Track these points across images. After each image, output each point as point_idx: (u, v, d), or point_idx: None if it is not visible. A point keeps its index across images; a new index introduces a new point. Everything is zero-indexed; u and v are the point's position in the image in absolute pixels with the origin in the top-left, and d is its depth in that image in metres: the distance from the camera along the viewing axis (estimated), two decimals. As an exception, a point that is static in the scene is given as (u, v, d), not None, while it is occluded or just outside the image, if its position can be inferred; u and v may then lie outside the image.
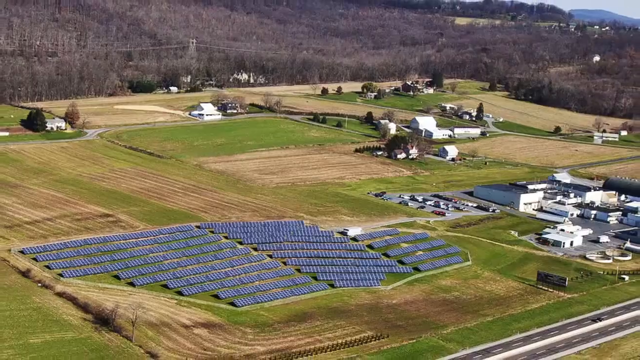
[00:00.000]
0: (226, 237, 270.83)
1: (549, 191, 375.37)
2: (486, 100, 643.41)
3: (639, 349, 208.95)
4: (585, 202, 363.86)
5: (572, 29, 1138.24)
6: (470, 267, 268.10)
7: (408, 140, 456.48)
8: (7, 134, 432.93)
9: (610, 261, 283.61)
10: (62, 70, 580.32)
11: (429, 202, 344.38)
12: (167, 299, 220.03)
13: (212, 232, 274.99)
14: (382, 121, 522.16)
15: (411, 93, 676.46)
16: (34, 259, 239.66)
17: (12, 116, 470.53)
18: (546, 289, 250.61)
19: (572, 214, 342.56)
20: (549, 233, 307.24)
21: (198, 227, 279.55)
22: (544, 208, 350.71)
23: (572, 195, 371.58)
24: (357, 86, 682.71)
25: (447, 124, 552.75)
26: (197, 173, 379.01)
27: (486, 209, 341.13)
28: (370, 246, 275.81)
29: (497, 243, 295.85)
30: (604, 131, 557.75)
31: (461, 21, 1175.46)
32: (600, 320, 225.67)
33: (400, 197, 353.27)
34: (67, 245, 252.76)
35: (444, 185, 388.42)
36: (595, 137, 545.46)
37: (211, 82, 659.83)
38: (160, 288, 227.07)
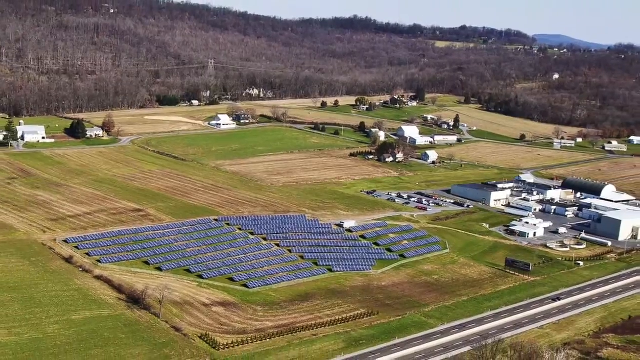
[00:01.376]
0: (240, 229, 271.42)
1: (516, 189, 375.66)
2: (462, 112, 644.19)
3: (592, 324, 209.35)
4: (547, 199, 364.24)
5: (535, 51, 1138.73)
6: (448, 254, 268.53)
7: (395, 146, 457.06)
8: (53, 140, 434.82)
9: (568, 249, 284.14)
10: (99, 86, 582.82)
11: (412, 199, 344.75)
12: (189, 282, 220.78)
13: (228, 224, 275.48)
14: (373, 130, 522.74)
15: (398, 106, 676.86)
16: (76, 247, 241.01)
17: (57, 125, 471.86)
18: (513, 273, 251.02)
19: (535, 209, 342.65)
20: (516, 225, 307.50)
21: (216, 220, 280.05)
22: (511, 204, 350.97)
23: (535, 193, 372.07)
24: (351, 100, 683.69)
25: (428, 132, 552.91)
26: (215, 174, 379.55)
27: (462, 205, 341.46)
28: (362, 236, 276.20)
29: (471, 234, 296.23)
30: (562, 138, 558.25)
31: (440, 44, 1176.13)
32: (559, 300, 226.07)
33: (388, 194, 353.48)
34: (104, 235, 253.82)
35: (426, 184, 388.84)
36: (554, 143, 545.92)
37: (227, 97, 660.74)
38: (183, 272, 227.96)
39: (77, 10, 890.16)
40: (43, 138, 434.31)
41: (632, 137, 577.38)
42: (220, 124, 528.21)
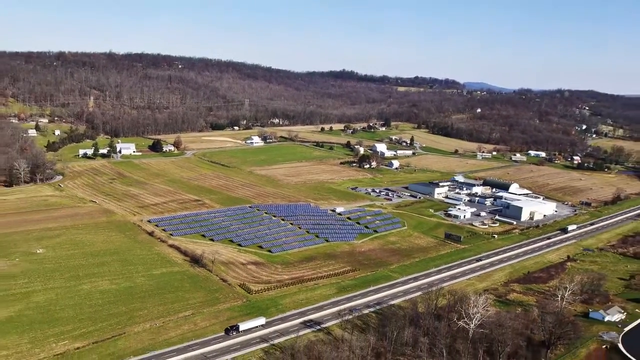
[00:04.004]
0: (266, 213, 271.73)
1: (451, 186, 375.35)
2: (416, 134, 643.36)
3: (503, 277, 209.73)
4: (472, 192, 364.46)
5: (465, 93, 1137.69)
6: (406, 230, 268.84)
7: (370, 157, 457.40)
8: (140, 153, 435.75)
9: (487, 227, 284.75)
10: (171, 117, 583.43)
11: (382, 193, 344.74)
12: (232, 248, 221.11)
13: (258, 210, 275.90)
14: (356, 146, 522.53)
15: (372, 130, 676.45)
16: (156, 225, 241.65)
17: (143, 143, 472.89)
18: (449, 242, 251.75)
19: (464, 200, 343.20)
20: (452, 210, 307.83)
21: (250, 207, 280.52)
22: (448, 196, 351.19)
23: (464, 188, 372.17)
24: (341, 126, 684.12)
25: (393, 148, 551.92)
26: (250, 176, 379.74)
27: (415, 197, 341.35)
28: (349, 218, 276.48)
29: (421, 216, 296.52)
30: (483, 152, 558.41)
31: (401, 89, 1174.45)
32: (481, 261, 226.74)
33: (366, 190, 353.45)
34: (175, 217, 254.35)
35: (391, 183, 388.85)
36: (478, 155, 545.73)
37: (257, 124, 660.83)
38: (228, 242, 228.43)
39: (157, 66, 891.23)
40: (133, 152, 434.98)
41: (530, 151, 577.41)
42: (253, 142, 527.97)
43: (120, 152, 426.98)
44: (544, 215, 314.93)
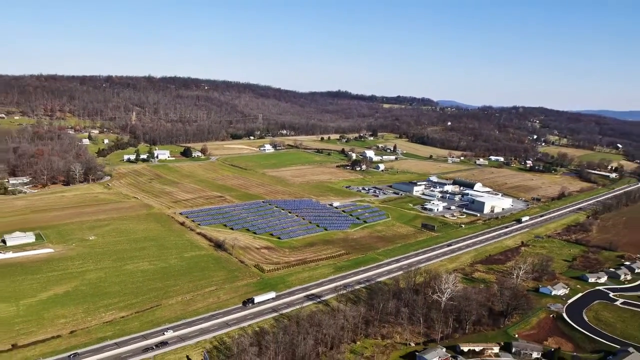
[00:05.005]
0: (276, 207, 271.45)
1: (427, 185, 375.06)
2: (398, 143, 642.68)
3: (469, 259, 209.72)
4: (444, 190, 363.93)
5: (438, 109, 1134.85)
6: (390, 221, 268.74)
7: (361, 161, 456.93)
8: (173, 158, 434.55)
9: (456, 218, 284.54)
10: (199, 128, 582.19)
11: (371, 190, 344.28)
12: (248, 235, 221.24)
13: (270, 204, 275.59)
14: (349, 152, 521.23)
15: (362, 139, 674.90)
16: (186, 217, 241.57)
17: (176, 150, 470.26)
18: (425, 231, 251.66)
19: (438, 196, 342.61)
20: (427, 205, 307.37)
21: (263, 202, 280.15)
22: (424, 193, 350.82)
23: (438, 187, 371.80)
24: (337, 136, 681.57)
25: (380, 154, 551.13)
26: (263, 177, 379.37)
27: (398, 194, 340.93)
28: (343, 211, 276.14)
29: (403, 209, 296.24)
30: (453, 157, 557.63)
31: (386, 106, 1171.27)
32: (451, 246, 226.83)
33: (357, 188, 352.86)
34: (202, 210, 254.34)
35: (378, 182, 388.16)
36: (448, 160, 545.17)
37: (269, 134, 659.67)
38: (245, 230, 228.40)
39: (187, 87, 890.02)
40: (168, 157, 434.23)
41: (491, 157, 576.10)
42: (265, 149, 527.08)
43: (157, 157, 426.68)
44: (503, 209, 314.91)
